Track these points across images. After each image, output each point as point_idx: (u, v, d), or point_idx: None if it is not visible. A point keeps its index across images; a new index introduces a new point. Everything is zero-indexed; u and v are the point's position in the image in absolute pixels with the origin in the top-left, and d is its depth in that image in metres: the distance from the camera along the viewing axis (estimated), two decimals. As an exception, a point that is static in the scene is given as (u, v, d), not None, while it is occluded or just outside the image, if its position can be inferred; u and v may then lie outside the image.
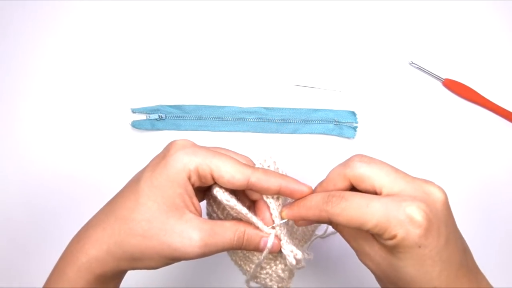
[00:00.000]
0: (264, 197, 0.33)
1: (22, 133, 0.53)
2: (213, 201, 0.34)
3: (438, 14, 0.56)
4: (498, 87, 0.54)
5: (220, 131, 0.53)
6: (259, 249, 0.32)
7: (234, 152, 0.34)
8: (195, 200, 0.31)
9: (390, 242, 0.27)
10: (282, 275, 0.34)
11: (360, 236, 0.30)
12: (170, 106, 0.53)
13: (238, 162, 0.31)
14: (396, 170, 0.30)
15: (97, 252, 0.30)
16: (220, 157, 0.31)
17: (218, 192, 0.31)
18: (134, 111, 0.53)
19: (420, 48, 0.55)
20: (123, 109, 0.53)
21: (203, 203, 0.35)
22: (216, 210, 0.34)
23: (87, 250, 0.30)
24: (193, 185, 0.31)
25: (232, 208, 0.31)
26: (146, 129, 0.53)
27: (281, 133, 0.53)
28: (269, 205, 0.33)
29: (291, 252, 0.32)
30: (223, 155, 0.31)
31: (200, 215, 0.31)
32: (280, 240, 0.32)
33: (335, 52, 0.55)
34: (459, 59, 0.55)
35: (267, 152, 0.35)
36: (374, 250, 0.30)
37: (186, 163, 0.30)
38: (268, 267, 0.34)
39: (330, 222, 0.30)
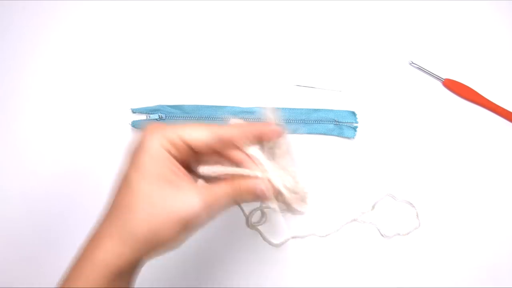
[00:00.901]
0: (246, 150, 0.34)
1: (21, 133, 0.53)
2: (207, 180, 0.36)
3: (438, 14, 0.56)
4: (498, 87, 0.54)
5: (220, 131, 0.53)
6: (258, 196, 0.33)
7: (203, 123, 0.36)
8: (183, 170, 0.33)
9: None
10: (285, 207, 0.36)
11: None
12: (170, 106, 0.53)
13: (205, 124, 0.33)
14: None
15: (112, 246, 0.31)
16: (187, 125, 0.33)
17: (203, 169, 0.33)
18: (134, 111, 0.53)
19: (420, 48, 0.55)
20: (123, 109, 0.53)
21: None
22: None
23: (102, 245, 0.31)
24: (176, 158, 0.32)
25: (222, 174, 0.33)
26: (146, 129, 0.53)
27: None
28: (248, 152, 0.34)
29: (283, 185, 0.34)
30: (190, 124, 0.33)
31: (194, 182, 0.33)
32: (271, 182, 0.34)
33: (335, 52, 0.55)
34: (459, 59, 0.55)
35: None
36: None
37: (160, 140, 0.31)
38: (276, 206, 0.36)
39: None
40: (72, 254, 0.33)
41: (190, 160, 0.34)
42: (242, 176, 0.33)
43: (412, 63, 0.54)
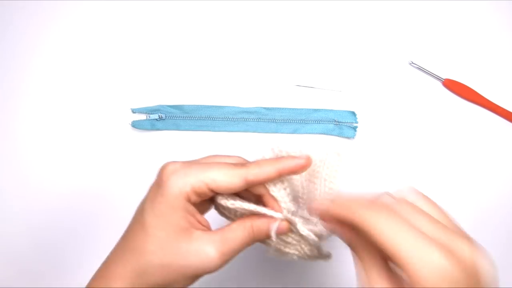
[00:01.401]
0: (267, 188, 0.33)
1: (21, 133, 0.53)
2: (223, 208, 0.35)
3: (438, 14, 0.56)
4: (498, 87, 0.54)
5: (220, 131, 0.53)
6: (271, 236, 0.32)
7: (224, 156, 0.35)
8: (199, 217, 0.32)
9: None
10: (310, 254, 0.35)
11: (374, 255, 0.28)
12: (170, 106, 0.53)
13: (230, 166, 0.31)
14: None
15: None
16: (212, 168, 0.31)
17: (221, 200, 0.32)
18: (134, 111, 0.53)
19: (420, 48, 0.55)
20: (123, 109, 0.53)
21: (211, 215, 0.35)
22: (229, 214, 0.35)
23: (113, 286, 0.30)
24: (194, 204, 0.31)
25: (239, 209, 0.32)
26: (146, 129, 0.53)
27: (281, 133, 0.53)
28: (271, 193, 0.33)
29: (310, 231, 0.33)
30: (214, 164, 0.32)
31: (208, 227, 0.33)
32: (290, 223, 0.33)
33: (335, 52, 0.55)
34: (459, 59, 0.55)
35: (271, 144, 0.36)
36: (381, 277, 0.27)
37: (181, 187, 0.30)
38: (296, 252, 0.35)
39: (355, 227, 0.28)
40: (70, 255, 0.32)
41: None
42: (258, 214, 0.32)
43: (412, 63, 0.54)
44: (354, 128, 0.52)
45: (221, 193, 0.32)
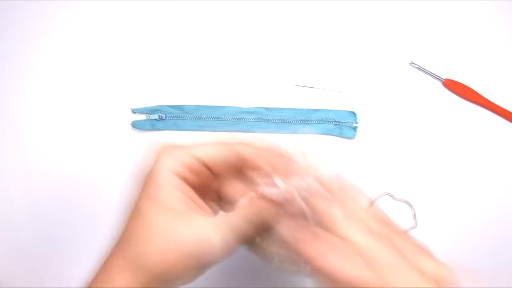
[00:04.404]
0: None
1: (21, 133, 0.53)
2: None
3: (438, 14, 0.56)
4: (498, 87, 0.54)
5: (220, 131, 0.53)
6: (280, 205, 0.29)
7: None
8: (199, 200, 0.30)
9: None
10: None
11: None
12: (170, 106, 0.53)
13: (218, 141, 0.30)
14: None
15: (125, 281, 0.29)
16: (200, 144, 0.30)
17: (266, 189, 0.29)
18: (134, 111, 0.53)
19: (420, 48, 0.55)
20: (123, 109, 0.53)
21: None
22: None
23: (114, 281, 0.29)
24: (192, 185, 0.30)
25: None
26: (146, 129, 0.53)
27: (281, 133, 0.53)
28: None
29: None
30: (202, 142, 0.31)
31: (211, 213, 0.30)
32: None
33: (335, 52, 0.55)
34: (459, 59, 0.55)
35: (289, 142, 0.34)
36: None
37: (171, 164, 0.29)
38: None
39: None
40: (71, 256, 0.32)
41: (212, 185, 0.32)
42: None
43: (412, 63, 0.54)
44: (354, 128, 0.52)
45: (215, 169, 0.30)
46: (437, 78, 0.54)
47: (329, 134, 0.53)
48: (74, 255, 0.50)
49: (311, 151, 0.33)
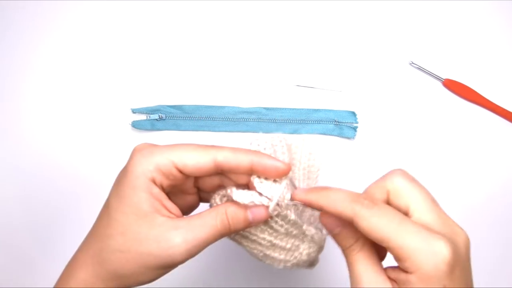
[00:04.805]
0: (252, 178, 0.30)
1: (21, 133, 0.53)
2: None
3: (438, 14, 0.56)
4: (498, 87, 0.54)
5: (220, 131, 0.53)
6: (249, 222, 0.30)
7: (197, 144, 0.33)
8: (167, 202, 0.30)
9: (410, 275, 0.25)
10: (306, 258, 0.33)
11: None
12: (170, 106, 0.53)
13: (199, 146, 0.30)
14: (434, 200, 0.28)
15: (84, 276, 0.29)
16: (179, 147, 0.29)
17: (237, 195, 0.30)
18: (134, 111, 0.53)
19: (420, 48, 0.55)
20: (123, 109, 0.53)
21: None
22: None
23: (76, 274, 0.29)
24: (162, 186, 0.30)
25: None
26: (146, 129, 0.53)
27: (281, 133, 0.53)
28: (253, 180, 0.30)
29: (311, 228, 0.31)
30: (182, 144, 0.30)
31: (179, 214, 0.30)
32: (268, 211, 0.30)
33: (335, 52, 0.55)
34: (459, 59, 0.55)
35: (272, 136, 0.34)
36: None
37: (145, 167, 0.29)
38: (292, 258, 0.33)
39: (350, 223, 0.27)
40: (67, 255, 0.32)
41: (188, 182, 0.32)
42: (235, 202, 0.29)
43: (412, 63, 0.54)
44: (354, 128, 0.52)
45: (189, 174, 0.29)
46: (437, 78, 0.54)
47: (329, 134, 0.53)
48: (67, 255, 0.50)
49: (296, 145, 0.34)
